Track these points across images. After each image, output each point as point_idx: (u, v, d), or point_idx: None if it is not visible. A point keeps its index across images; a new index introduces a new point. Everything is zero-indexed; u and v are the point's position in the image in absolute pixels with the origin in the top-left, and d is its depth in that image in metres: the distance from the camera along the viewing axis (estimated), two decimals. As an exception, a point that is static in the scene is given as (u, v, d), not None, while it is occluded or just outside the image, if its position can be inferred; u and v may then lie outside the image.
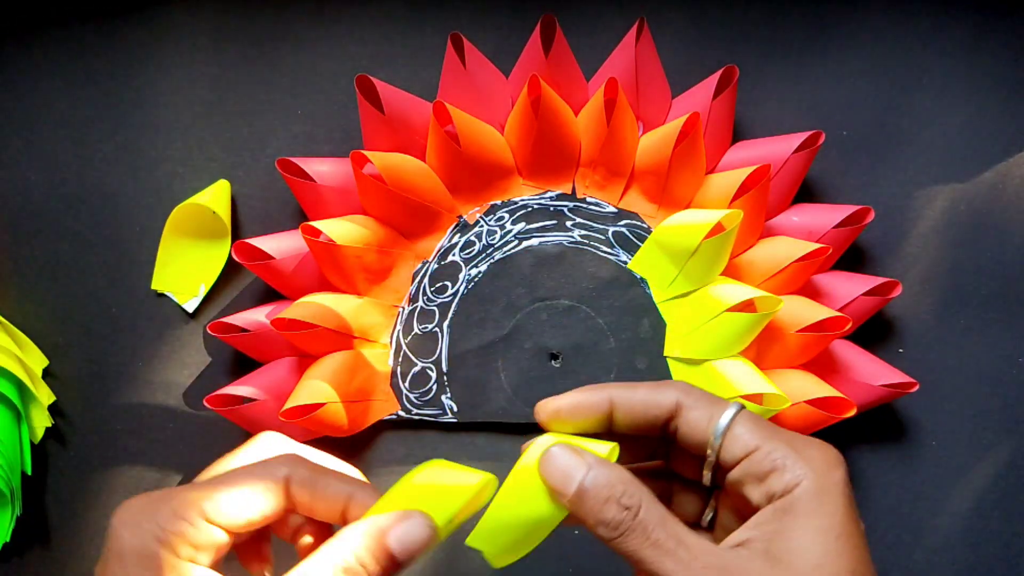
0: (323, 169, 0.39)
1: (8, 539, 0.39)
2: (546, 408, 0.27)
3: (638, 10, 0.41)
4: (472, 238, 0.40)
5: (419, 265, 0.40)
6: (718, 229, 0.36)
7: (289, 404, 0.36)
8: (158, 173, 0.41)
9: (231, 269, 0.41)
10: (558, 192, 0.41)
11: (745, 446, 0.25)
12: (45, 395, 0.40)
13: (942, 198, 0.41)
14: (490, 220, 0.40)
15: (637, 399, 0.26)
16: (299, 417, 0.36)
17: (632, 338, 0.39)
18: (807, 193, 0.41)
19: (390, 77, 0.41)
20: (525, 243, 0.40)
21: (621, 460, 0.26)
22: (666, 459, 0.29)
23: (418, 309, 0.40)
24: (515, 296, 0.40)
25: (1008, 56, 0.41)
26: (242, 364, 0.41)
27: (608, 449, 0.25)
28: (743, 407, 0.25)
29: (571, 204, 0.40)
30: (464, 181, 0.40)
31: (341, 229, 0.37)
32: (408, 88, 0.39)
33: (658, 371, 0.39)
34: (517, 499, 0.26)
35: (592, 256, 0.40)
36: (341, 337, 0.38)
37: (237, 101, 0.42)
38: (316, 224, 0.37)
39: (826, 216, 0.39)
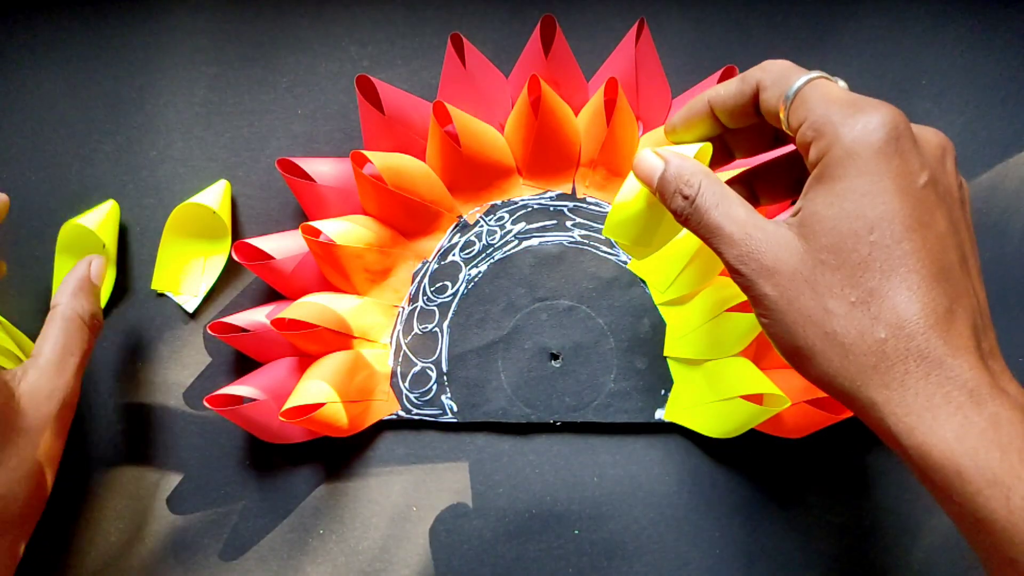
0: (323, 169, 0.39)
1: (8, 539, 0.39)
2: (666, 127, 0.31)
3: (638, 10, 0.41)
4: (472, 238, 0.40)
5: (419, 265, 0.40)
6: None
7: (289, 404, 0.36)
8: (158, 173, 0.41)
9: (231, 269, 0.41)
10: (558, 192, 0.41)
11: (799, 116, 0.25)
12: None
13: (942, 198, 0.41)
14: (490, 220, 0.40)
15: (728, 91, 0.28)
16: (299, 417, 0.36)
17: (632, 338, 0.39)
18: (807, 193, 0.41)
19: (390, 77, 0.41)
20: (525, 243, 0.40)
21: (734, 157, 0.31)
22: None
23: (418, 309, 0.40)
24: (515, 296, 0.40)
25: (1008, 57, 0.41)
26: (242, 364, 0.41)
27: (697, 149, 0.29)
28: (819, 76, 0.26)
29: (571, 204, 0.40)
30: (464, 181, 0.40)
31: (341, 229, 0.37)
32: (408, 88, 0.39)
33: (658, 371, 0.39)
34: (627, 195, 0.30)
35: (592, 256, 0.40)
36: (341, 337, 0.38)
37: (237, 101, 0.42)
38: (316, 224, 0.37)
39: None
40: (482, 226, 0.40)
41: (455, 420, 0.40)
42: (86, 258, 0.36)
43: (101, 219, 0.40)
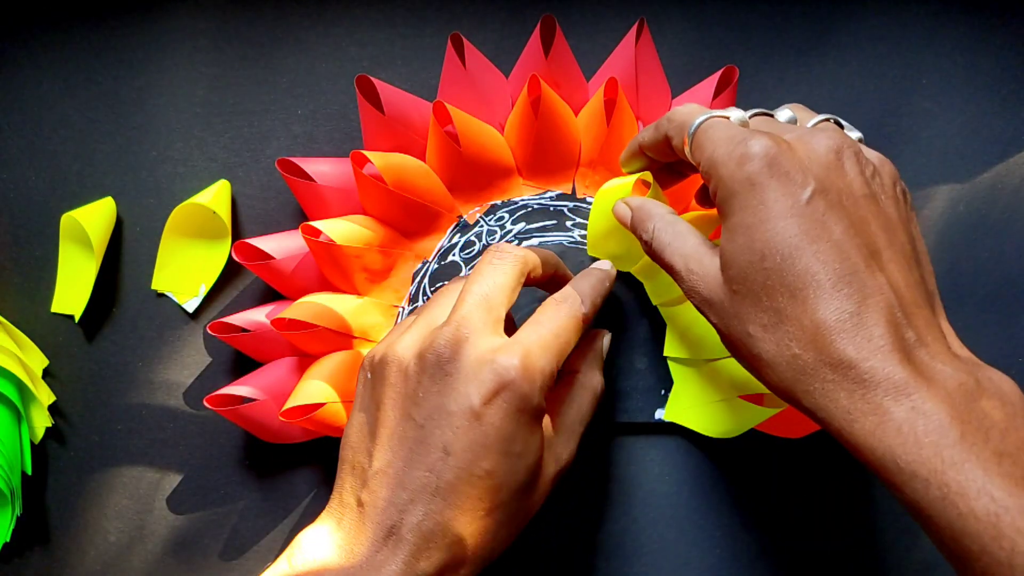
0: (323, 169, 0.39)
1: (8, 539, 0.39)
2: (620, 159, 0.35)
3: (638, 10, 0.41)
4: (472, 238, 0.40)
5: (419, 265, 0.40)
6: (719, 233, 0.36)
7: (289, 404, 0.36)
8: (158, 173, 0.41)
9: (231, 269, 0.41)
10: (558, 192, 0.41)
11: (696, 157, 0.28)
12: (45, 395, 0.40)
13: (941, 198, 0.41)
14: (490, 220, 0.40)
15: (647, 137, 0.32)
16: (299, 417, 0.36)
17: (632, 338, 0.39)
18: (807, 193, 0.41)
19: (390, 77, 0.41)
20: (525, 243, 0.40)
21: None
22: None
23: (418, 310, 0.40)
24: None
25: (1008, 56, 0.41)
26: (242, 364, 0.41)
27: (635, 177, 0.34)
28: (712, 117, 0.28)
29: (571, 204, 0.40)
30: (464, 181, 0.40)
31: (341, 229, 0.37)
32: (408, 88, 0.39)
33: (658, 371, 0.39)
34: (597, 216, 0.36)
35: (591, 259, 0.40)
36: (341, 337, 0.38)
37: (237, 101, 0.42)
38: (316, 224, 0.37)
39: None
40: (482, 226, 0.40)
41: (455, 420, 0.40)
42: (598, 331, 0.36)
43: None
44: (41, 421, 0.40)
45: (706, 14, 0.42)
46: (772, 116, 0.30)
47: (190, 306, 0.41)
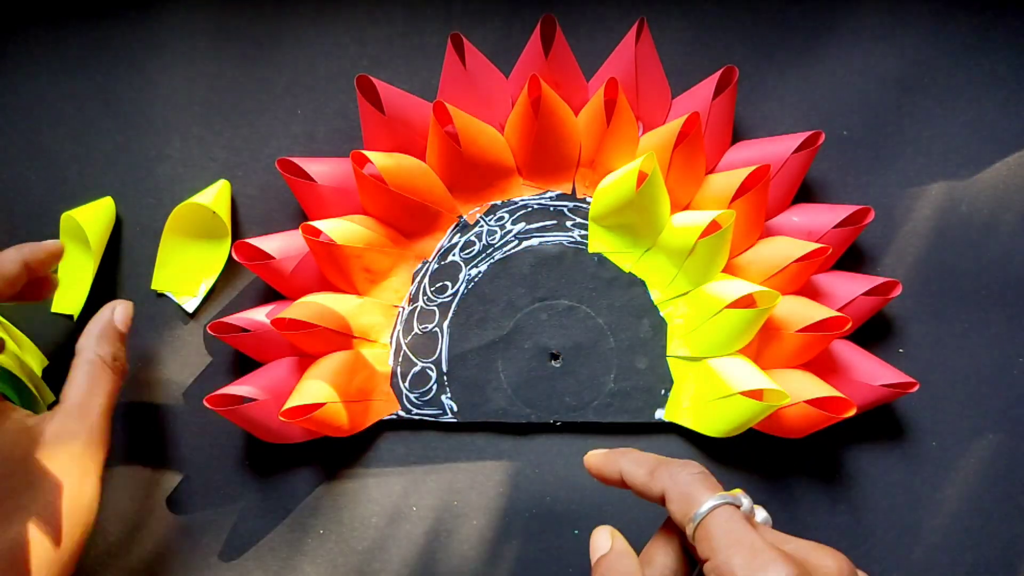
0: (323, 169, 0.39)
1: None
2: (585, 462, 0.31)
3: (638, 10, 0.41)
4: (472, 238, 0.40)
5: (419, 265, 0.40)
6: (714, 228, 0.36)
7: (289, 404, 0.36)
8: (158, 173, 0.41)
9: (231, 269, 0.41)
10: (558, 192, 0.41)
11: (704, 550, 0.25)
12: (46, 394, 0.40)
13: (942, 198, 0.41)
14: (490, 220, 0.40)
15: (635, 476, 0.29)
16: (299, 417, 0.36)
17: (632, 338, 0.39)
18: (807, 193, 0.41)
19: (390, 77, 0.41)
20: (525, 243, 0.40)
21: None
22: None
23: (418, 309, 0.40)
24: (515, 296, 0.40)
25: (1008, 56, 0.41)
26: (242, 364, 0.41)
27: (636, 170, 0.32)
28: (725, 503, 0.26)
29: (571, 204, 0.40)
30: (464, 181, 0.40)
31: (341, 229, 0.37)
32: (408, 88, 0.39)
33: (658, 371, 0.39)
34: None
35: (592, 256, 0.40)
36: (341, 337, 0.38)
37: (237, 101, 0.42)
38: (316, 224, 0.37)
39: (826, 216, 0.39)
40: (482, 226, 0.40)
41: (455, 420, 0.40)
42: (110, 304, 0.36)
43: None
44: (41, 421, 0.40)
45: (706, 14, 0.42)
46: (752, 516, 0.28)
47: (190, 306, 0.41)
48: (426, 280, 0.40)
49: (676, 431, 0.40)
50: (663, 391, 0.39)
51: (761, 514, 0.28)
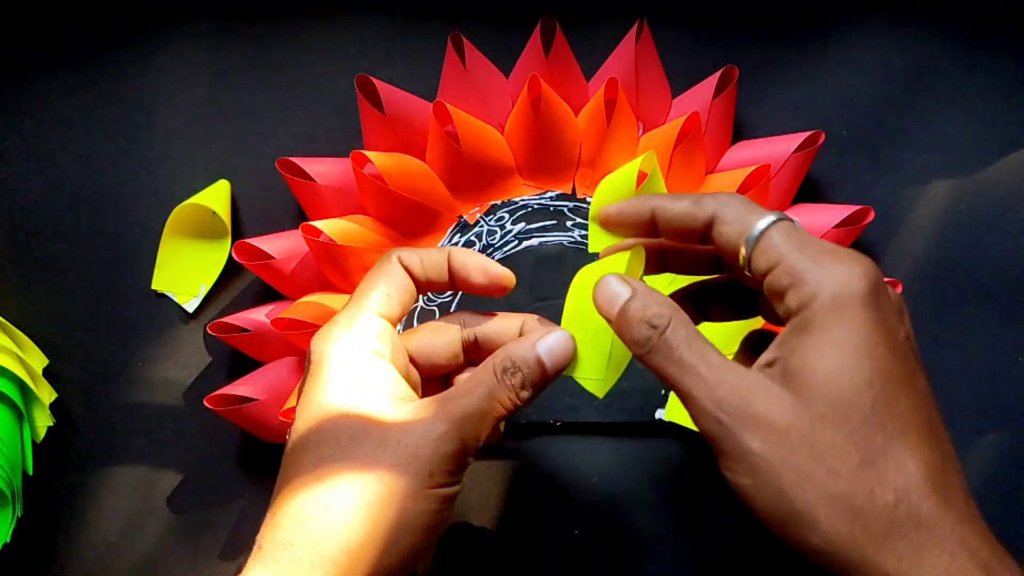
0: (323, 169, 0.39)
1: (8, 539, 0.39)
2: (601, 213, 0.29)
3: (638, 10, 0.41)
4: (472, 238, 0.40)
5: (419, 265, 0.40)
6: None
7: (289, 404, 0.36)
8: (158, 173, 0.41)
9: (231, 269, 0.41)
10: (558, 192, 0.41)
11: (769, 259, 0.24)
12: (46, 393, 0.40)
13: (942, 198, 0.41)
14: (490, 220, 0.40)
15: (677, 209, 0.26)
16: (299, 417, 0.36)
17: (632, 338, 0.39)
18: (807, 193, 0.41)
19: (390, 77, 0.41)
20: (525, 243, 0.40)
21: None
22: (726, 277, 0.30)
23: (418, 309, 0.40)
24: (515, 296, 0.40)
25: (1008, 56, 0.41)
26: (242, 364, 0.41)
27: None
28: (783, 219, 0.24)
29: (571, 204, 0.40)
30: (464, 181, 0.40)
31: (341, 229, 0.37)
32: (408, 88, 0.39)
33: (658, 371, 0.39)
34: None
35: (592, 256, 0.40)
36: (341, 337, 0.38)
37: (237, 101, 0.42)
38: (316, 224, 0.37)
39: (826, 216, 0.39)
40: (482, 226, 0.40)
41: (455, 420, 0.40)
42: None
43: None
44: (43, 420, 0.40)
45: (706, 14, 0.42)
46: None
47: (190, 306, 0.41)
48: (426, 280, 0.40)
49: (676, 431, 0.39)
50: (663, 391, 0.39)
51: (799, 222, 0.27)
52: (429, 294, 0.40)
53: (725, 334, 0.37)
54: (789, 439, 0.22)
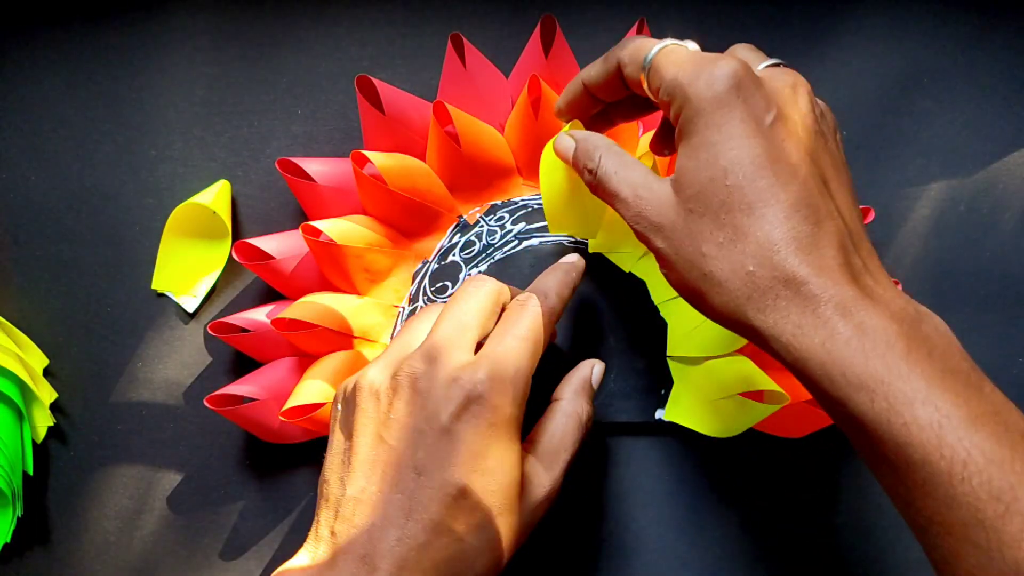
0: (323, 169, 0.39)
1: (8, 539, 0.39)
2: (555, 110, 0.35)
3: (638, 10, 0.41)
4: (472, 238, 0.40)
5: (419, 265, 0.40)
6: None
7: (289, 404, 0.36)
8: (158, 173, 0.41)
9: (231, 269, 0.41)
10: (558, 192, 0.41)
11: (657, 81, 0.28)
12: (47, 393, 0.40)
13: (942, 198, 0.41)
14: (490, 220, 0.40)
15: (596, 70, 0.32)
16: (299, 417, 0.36)
17: (632, 338, 0.39)
18: (807, 193, 0.41)
19: (390, 77, 0.41)
20: (525, 243, 0.40)
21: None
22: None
23: (418, 309, 0.40)
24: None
25: (1008, 56, 0.41)
26: (242, 364, 0.41)
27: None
28: (669, 44, 0.29)
29: (571, 204, 0.41)
30: (464, 181, 0.40)
31: (341, 229, 0.37)
32: (408, 88, 0.39)
33: (658, 371, 0.39)
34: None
35: (592, 256, 0.40)
36: (341, 337, 0.38)
37: (237, 101, 0.42)
38: (316, 224, 0.37)
39: (826, 216, 0.39)
40: (482, 226, 0.40)
41: (455, 420, 0.40)
42: (590, 361, 0.35)
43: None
44: (43, 420, 0.40)
45: (706, 14, 0.42)
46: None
47: (190, 306, 0.41)
48: (426, 280, 0.40)
49: (676, 431, 0.39)
50: (663, 391, 0.39)
51: (739, 51, 0.31)
52: (429, 293, 0.40)
53: (720, 335, 0.37)
54: (676, 234, 0.27)
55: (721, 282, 0.26)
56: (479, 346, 0.30)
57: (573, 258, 0.35)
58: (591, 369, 0.35)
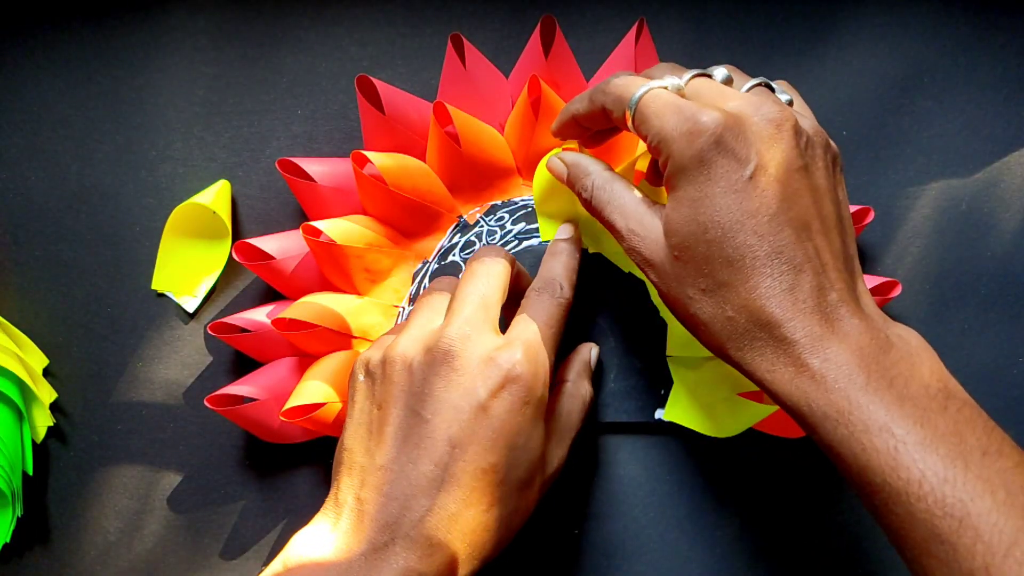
0: (323, 169, 0.39)
1: (8, 539, 0.39)
2: (551, 130, 0.36)
3: (638, 10, 0.41)
4: (472, 238, 0.40)
5: (419, 265, 0.40)
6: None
7: (289, 404, 0.36)
8: (158, 173, 0.41)
9: (231, 269, 0.41)
10: (558, 192, 0.41)
11: (643, 131, 0.29)
12: (46, 393, 0.40)
13: (942, 198, 0.41)
14: (490, 220, 0.40)
15: (582, 107, 0.33)
16: (299, 417, 0.36)
17: (632, 338, 0.39)
18: (807, 193, 0.41)
19: (390, 77, 0.41)
20: (525, 243, 0.40)
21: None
22: None
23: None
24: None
25: (1008, 56, 0.41)
26: (242, 364, 0.41)
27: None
28: (653, 87, 0.29)
29: (571, 204, 0.41)
30: (464, 181, 0.40)
31: (341, 229, 0.37)
32: (408, 88, 0.39)
33: (658, 371, 0.39)
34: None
35: (592, 256, 0.40)
36: (341, 337, 0.38)
37: (237, 101, 0.42)
38: (316, 224, 0.37)
39: (826, 216, 0.39)
40: (482, 226, 0.40)
41: (455, 420, 0.40)
42: (588, 344, 0.38)
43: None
44: (43, 420, 0.40)
45: (706, 14, 0.42)
46: (709, 76, 0.31)
47: (190, 306, 0.41)
48: (426, 280, 0.40)
49: (676, 431, 0.40)
50: (663, 391, 0.39)
51: (720, 72, 0.31)
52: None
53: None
54: (665, 273, 0.29)
55: (705, 323, 0.28)
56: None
57: (567, 232, 0.36)
58: (589, 352, 0.37)
